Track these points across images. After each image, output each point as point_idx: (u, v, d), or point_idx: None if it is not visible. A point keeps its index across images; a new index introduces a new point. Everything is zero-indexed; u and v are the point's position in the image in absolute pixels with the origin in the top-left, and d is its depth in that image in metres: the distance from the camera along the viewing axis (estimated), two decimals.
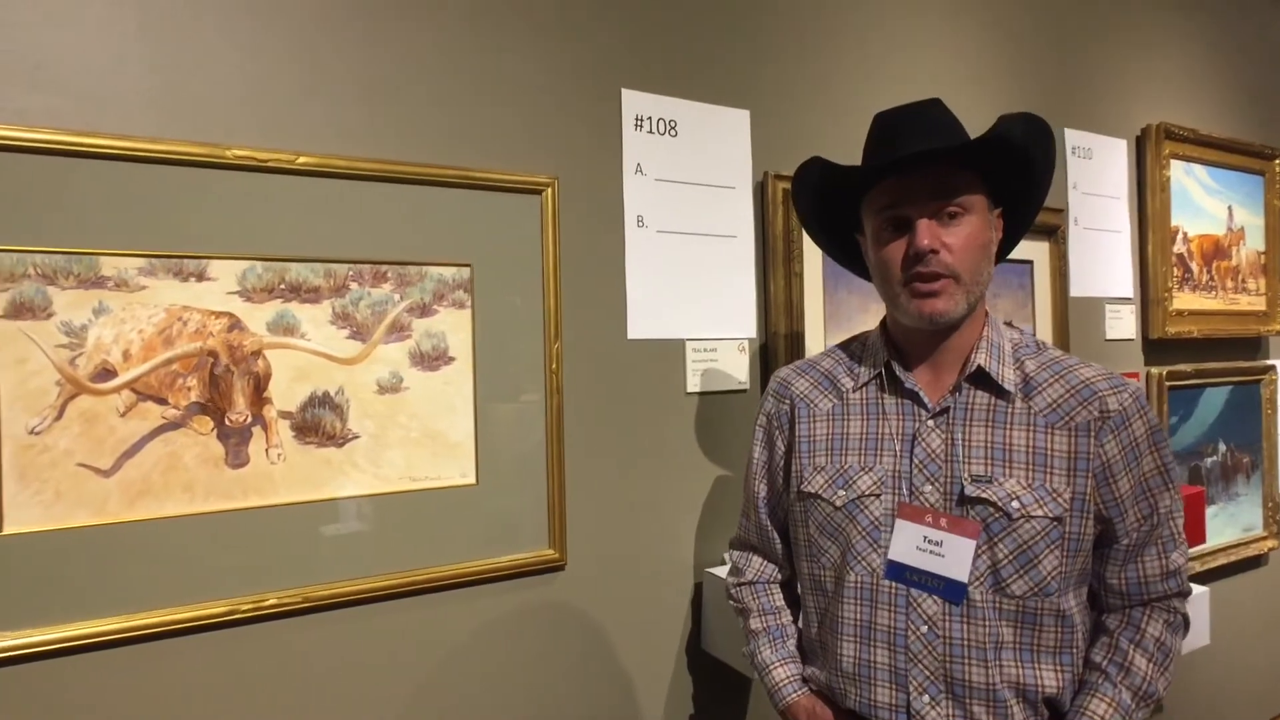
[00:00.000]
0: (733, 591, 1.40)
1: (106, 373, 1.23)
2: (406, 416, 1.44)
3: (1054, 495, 1.10)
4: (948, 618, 1.11)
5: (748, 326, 1.80)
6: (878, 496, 1.17)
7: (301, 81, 1.36)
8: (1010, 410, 1.14)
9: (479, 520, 1.50)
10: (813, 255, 1.85)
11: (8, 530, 1.17)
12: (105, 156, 1.22)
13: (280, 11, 1.34)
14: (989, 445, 1.13)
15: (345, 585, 1.38)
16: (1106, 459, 1.10)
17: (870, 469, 1.18)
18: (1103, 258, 2.46)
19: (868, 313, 1.95)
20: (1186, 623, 1.17)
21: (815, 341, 1.86)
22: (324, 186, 1.37)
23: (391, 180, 1.42)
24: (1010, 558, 1.09)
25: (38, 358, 1.18)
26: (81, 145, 1.20)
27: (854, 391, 1.24)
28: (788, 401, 1.31)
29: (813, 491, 1.22)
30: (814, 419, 1.26)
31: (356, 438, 1.40)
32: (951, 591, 1.11)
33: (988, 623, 1.10)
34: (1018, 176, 1.17)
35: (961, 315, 1.13)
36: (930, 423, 1.16)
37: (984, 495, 1.10)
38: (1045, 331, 2.29)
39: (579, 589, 1.61)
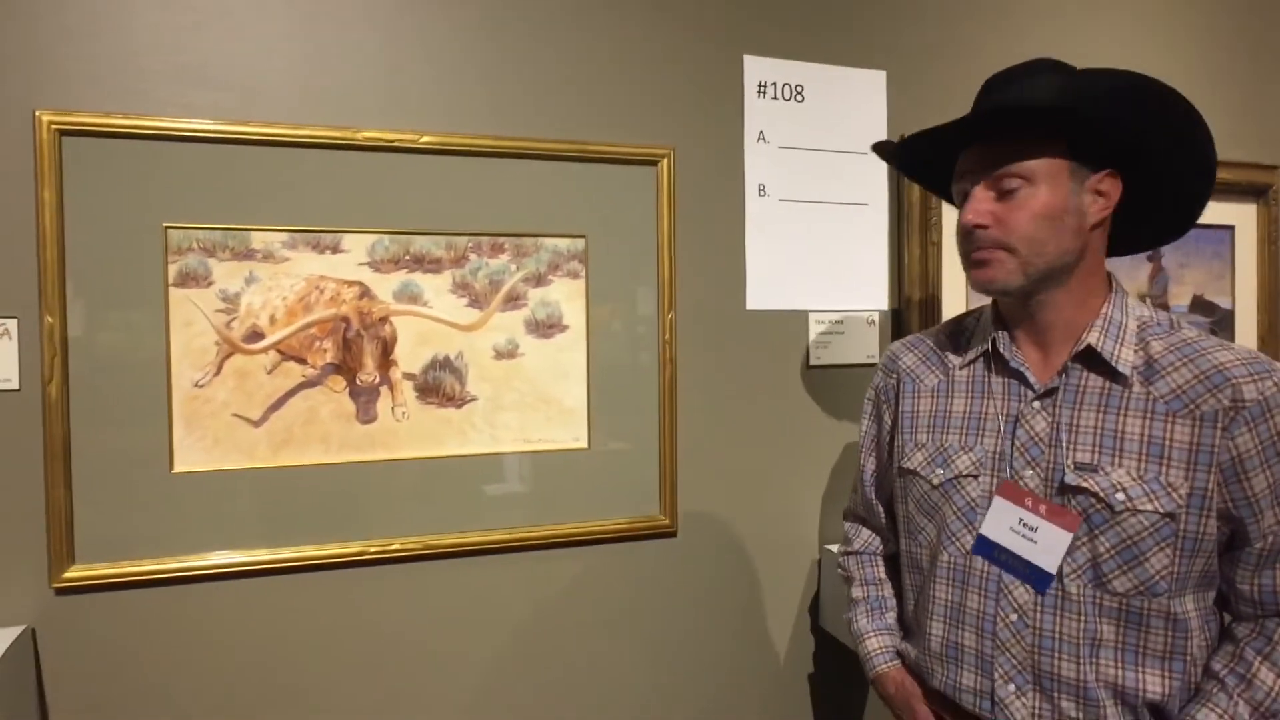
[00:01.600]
0: (840, 560, 1.40)
1: (256, 335, 1.39)
2: (521, 381, 1.51)
3: (1168, 489, 1.00)
4: (1039, 608, 1.05)
5: (879, 299, 1.73)
6: (975, 478, 1.12)
7: (425, 64, 1.45)
8: (1126, 394, 1.04)
9: (590, 483, 1.55)
10: (953, 224, 1.74)
11: (177, 469, 1.35)
12: (255, 143, 1.37)
13: (401, 5, 1.44)
14: (1098, 431, 1.04)
15: (463, 537, 1.49)
16: (1238, 453, 0.98)
17: (970, 449, 1.13)
18: None
19: None
20: None
21: (954, 314, 1.75)
22: (446, 164, 1.46)
23: (509, 156, 1.49)
24: (1113, 552, 1.01)
25: (200, 321, 1.36)
26: (236, 133, 1.35)
27: (960, 368, 1.19)
28: (895, 376, 1.28)
29: (911, 468, 1.20)
30: (919, 395, 1.23)
31: (474, 399, 1.49)
32: (1038, 580, 1.05)
33: (1084, 618, 1.03)
34: (1123, 139, 1.05)
35: (1018, 286, 1.06)
36: (1036, 404, 1.09)
37: (1085, 484, 1.02)
38: (1248, 311, 2.02)
39: (690, 556, 1.62)
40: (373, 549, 1.44)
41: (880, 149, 1.29)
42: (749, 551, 1.66)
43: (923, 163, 1.24)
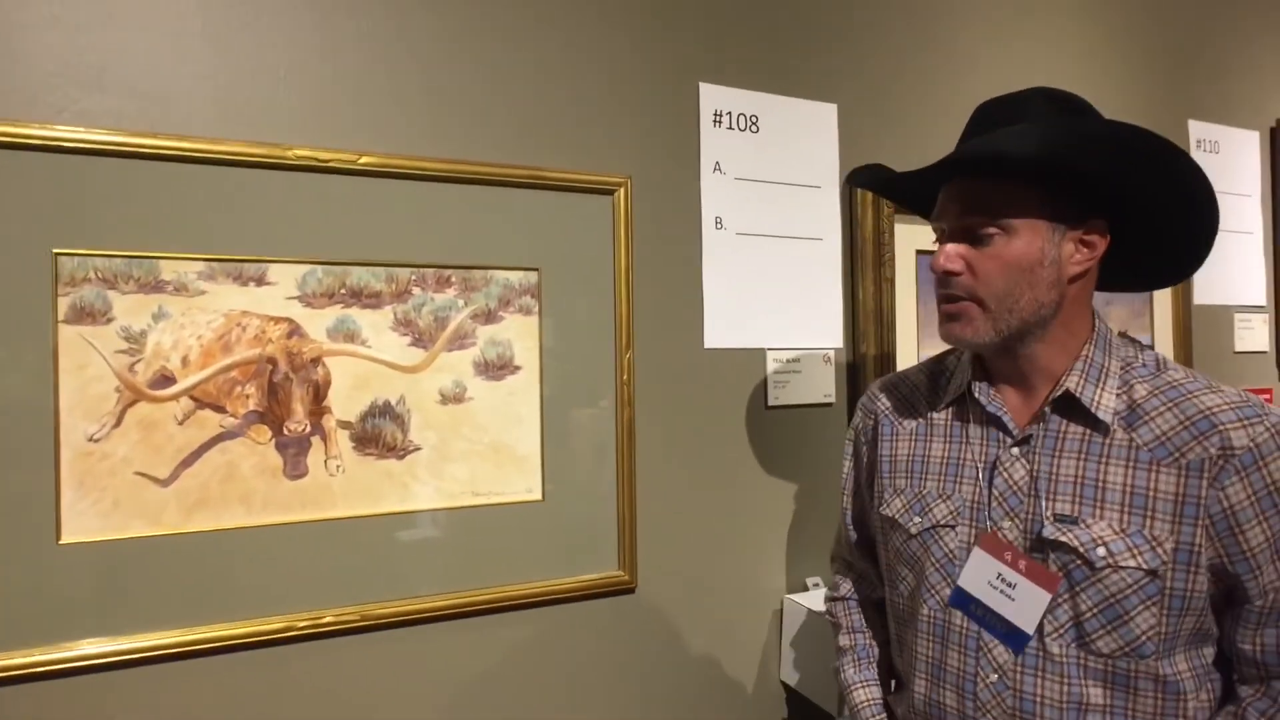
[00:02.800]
0: (827, 606, 1.33)
1: (165, 379, 1.20)
2: (470, 428, 1.37)
3: (1152, 544, 0.94)
4: (1020, 669, 0.99)
5: (834, 336, 1.68)
6: (952, 528, 1.07)
7: (364, 79, 1.31)
8: (1108, 442, 0.99)
9: (544, 538, 1.42)
10: (906, 259, 1.72)
11: (65, 540, 1.14)
12: (166, 158, 1.19)
13: (342, 9, 1.30)
14: (1079, 481, 0.99)
15: (404, 604, 1.32)
16: (1230, 505, 0.93)
17: (948, 497, 1.08)
18: (1232, 261, 2.23)
19: None
20: None
21: (907, 353, 1.72)
22: (387, 187, 1.32)
23: (456, 181, 1.36)
24: (1095, 611, 0.96)
25: (97, 363, 1.16)
26: (142, 147, 1.17)
27: (938, 410, 1.14)
28: (873, 417, 1.23)
29: (890, 515, 1.14)
30: (897, 437, 1.18)
31: (418, 449, 1.34)
32: (1013, 640, 0.99)
33: (1068, 680, 0.97)
34: (1110, 193, 1.01)
35: (989, 342, 1.01)
36: (1014, 450, 1.04)
37: (1064, 539, 0.97)
38: (1165, 343, 2.09)
39: (650, 613, 1.51)
40: (302, 623, 1.26)
41: (856, 179, 1.22)
42: (709, 604, 1.56)
43: (908, 191, 1.18)
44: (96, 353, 1.16)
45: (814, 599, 1.57)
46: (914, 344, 1.74)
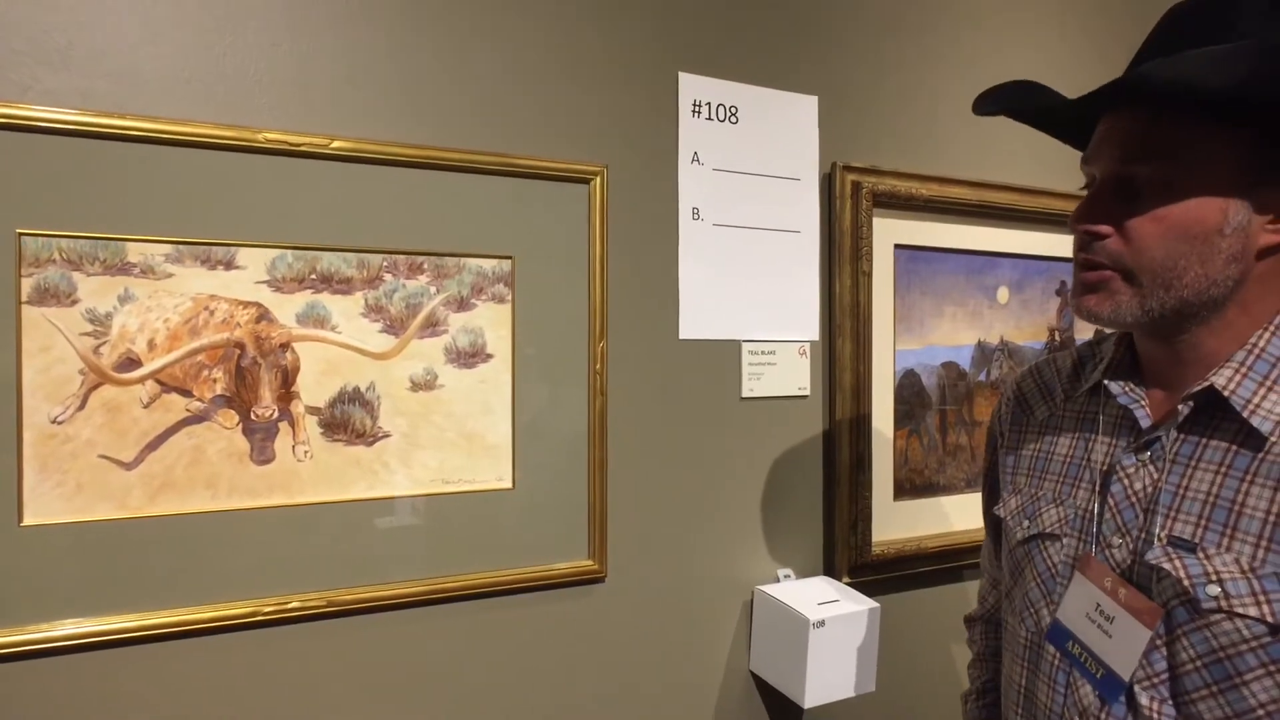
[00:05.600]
0: (966, 626, 1.26)
1: (131, 362, 1.19)
2: (440, 415, 1.37)
3: None
4: (1107, 718, 0.84)
5: (810, 329, 1.68)
6: (1058, 539, 0.93)
7: (338, 62, 1.30)
8: (1261, 456, 0.78)
9: (514, 527, 1.42)
10: (884, 253, 1.72)
11: (27, 521, 1.14)
12: (133, 139, 1.17)
13: None
14: (1211, 499, 0.79)
15: (371, 590, 1.32)
16: None
17: (1061, 502, 0.94)
18: None
19: (942, 316, 1.81)
20: None
21: (884, 346, 1.73)
22: (359, 173, 1.31)
23: (430, 167, 1.35)
24: (1197, 664, 0.78)
25: (61, 345, 1.15)
26: (109, 127, 1.16)
27: (1074, 400, 0.99)
28: (1009, 404, 1.10)
29: (1002, 516, 1.03)
30: (1025, 428, 1.05)
31: (387, 436, 1.33)
32: (1108, 686, 0.83)
33: None
34: None
35: (1134, 321, 0.83)
36: (1146, 454, 0.86)
37: (1168, 566, 0.79)
38: None
39: (619, 603, 1.51)
40: (267, 608, 1.26)
41: (986, 103, 0.94)
42: (679, 595, 1.57)
43: (1063, 120, 0.96)
44: (61, 334, 1.15)
45: (784, 590, 1.58)
46: (890, 337, 1.74)
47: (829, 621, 1.48)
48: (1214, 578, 0.76)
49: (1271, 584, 0.74)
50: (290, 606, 1.27)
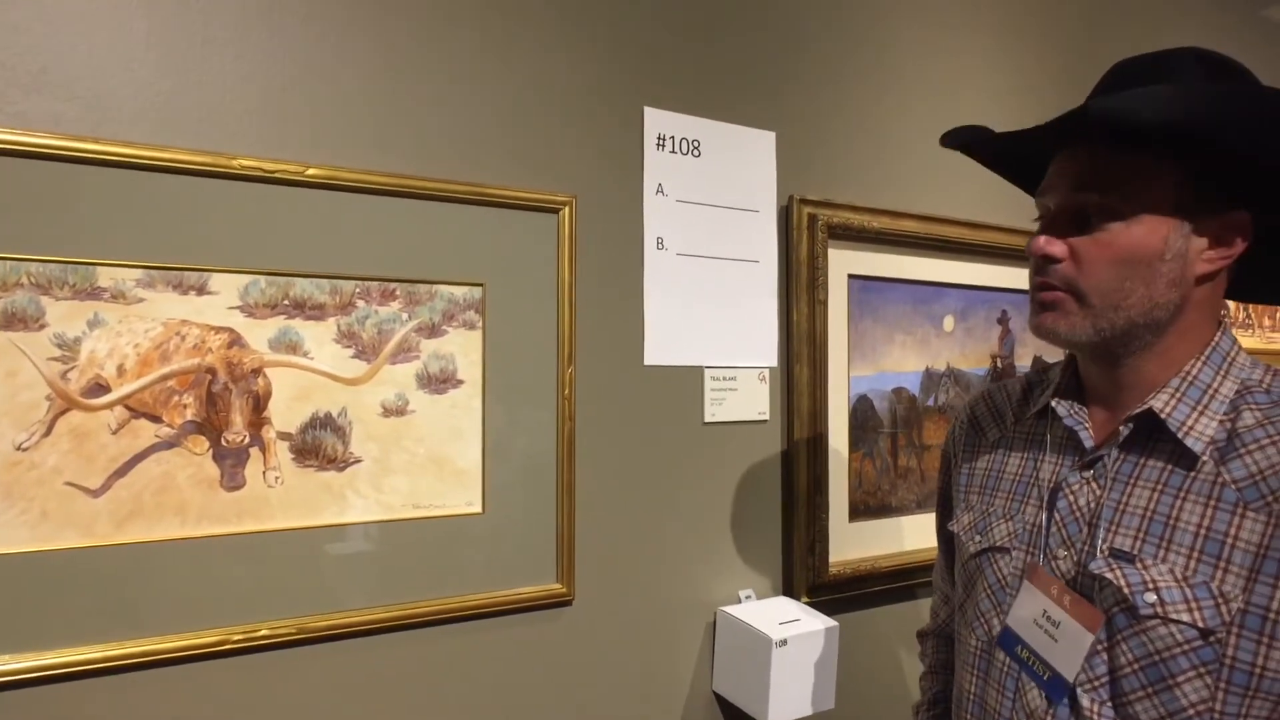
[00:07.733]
0: (918, 640, 1.30)
1: (99, 388, 1.17)
2: (411, 441, 1.38)
3: (1217, 600, 0.80)
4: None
5: (769, 355, 1.73)
6: (1007, 552, 0.98)
7: (313, 91, 1.31)
8: (1192, 474, 0.85)
9: (484, 551, 1.43)
10: (838, 283, 1.79)
11: None
12: (106, 163, 1.17)
13: (292, 20, 1.30)
14: (1148, 514, 0.86)
15: (341, 616, 1.31)
16: None
17: (1011, 517, 1.00)
18: None
19: (893, 343, 1.88)
20: None
21: (839, 372, 1.79)
22: (333, 200, 1.32)
23: (403, 195, 1.37)
24: (1134, 667, 0.83)
25: (28, 370, 1.13)
26: (82, 151, 1.15)
27: (1023, 421, 1.05)
28: (962, 426, 1.17)
29: (955, 532, 1.09)
30: (978, 448, 1.11)
31: (359, 461, 1.34)
32: (1054, 687, 0.89)
33: None
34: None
35: (1084, 341, 0.89)
36: (1089, 473, 0.93)
37: (1110, 576, 0.85)
38: None
39: (586, 626, 1.53)
40: (236, 636, 1.24)
41: (952, 139, 1.04)
42: (644, 617, 1.59)
43: (1014, 159, 1.04)
44: (27, 359, 1.13)
45: (746, 611, 1.61)
46: (844, 363, 1.80)
47: (791, 640, 1.52)
48: (1151, 586, 0.82)
49: (1202, 592, 0.80)
50: (260, 634, 1.26)
